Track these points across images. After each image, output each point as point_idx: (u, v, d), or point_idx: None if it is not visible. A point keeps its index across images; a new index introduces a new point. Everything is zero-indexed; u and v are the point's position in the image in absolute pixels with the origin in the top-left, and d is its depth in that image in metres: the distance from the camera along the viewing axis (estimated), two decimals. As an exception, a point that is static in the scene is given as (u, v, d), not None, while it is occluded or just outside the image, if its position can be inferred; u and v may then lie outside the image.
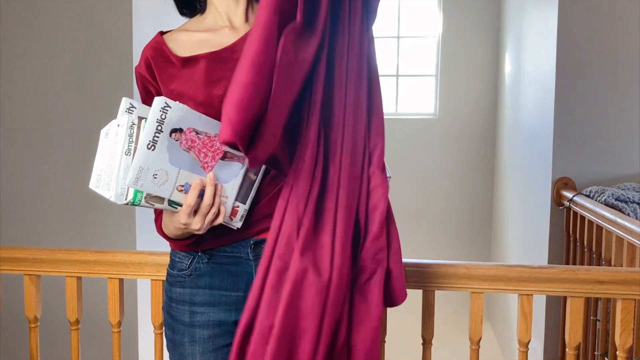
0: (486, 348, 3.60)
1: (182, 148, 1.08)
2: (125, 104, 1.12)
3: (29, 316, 1.72)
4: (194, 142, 1.10)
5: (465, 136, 4.67)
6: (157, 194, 1.08)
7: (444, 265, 1.55)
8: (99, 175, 1.11)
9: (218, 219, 1.16)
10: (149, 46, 1.31)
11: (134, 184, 1.05)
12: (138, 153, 1.05)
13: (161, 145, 1.06)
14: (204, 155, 1.12)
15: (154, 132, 1.05)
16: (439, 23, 4.64)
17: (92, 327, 2.04)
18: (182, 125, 1.08)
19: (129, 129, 1.09)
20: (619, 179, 2.88)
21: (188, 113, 1.08)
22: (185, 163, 1.09)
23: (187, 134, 1.09)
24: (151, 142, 1.05)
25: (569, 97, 2.93)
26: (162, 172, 1.07)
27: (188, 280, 1.31)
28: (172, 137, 1.07)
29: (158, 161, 1.06)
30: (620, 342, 1.55)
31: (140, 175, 1.05)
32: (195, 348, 1.31)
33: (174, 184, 1.09)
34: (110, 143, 1.11)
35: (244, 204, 1.19)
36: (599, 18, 2.89)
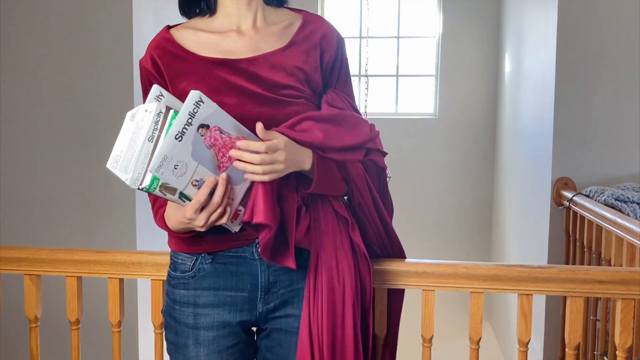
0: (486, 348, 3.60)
1: (205, 144, 1.09)
2: (155, 91, 1.12)
3: (29, 316, 1.72)
4: (217, 141, 1.11)
5: (465, 136, 4.67)
6: (173, 184, 1.09)
7: (443, 265, 1.55)
8: (118, 156, 1.11)
9: (222, 219, 1.16)
10: (156, 42, 1.31)
11: (156, 170, 1.06)
12: (166, 141, 1.06)
13: (187, 138, 1.06)
14: (222, 155, 1.12)
15: (184, 124, 1.06)
16: (439, 23, 4.64)
17: (92, 327, 2.04)
18: (210, 122, 1.08)
19: (155, 116, 1.09)
20: (619, 179, 2.88)
21: (217, 111, 1.09)
22: (204, 159, 1.10)
23: (212, 132, 1.09)
24: (180, 133, 1.05)
25: (569, 97, 2.93)
26: (182, 164, 1.08)
27: (192, 282, 1.30)
28: (198, 132, 1.07)
29: (182, 153, 1.07)
30: (620, 342, 1.55)
31: (164, 163, 1.05)
32: (200, 350, 1.30)
33: (190, 178, 1.10)
34: (135, 127, 1.11)
35: (244, 208, 1.19)
36: (599, 18, 2.89)
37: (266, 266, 1.29)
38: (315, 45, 1.31)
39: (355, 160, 1.31)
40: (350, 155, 1.30)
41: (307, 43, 1.31)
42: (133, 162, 1.09)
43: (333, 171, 1.27)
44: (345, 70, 1.37)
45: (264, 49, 1.28)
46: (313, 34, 1.32)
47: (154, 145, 1.08)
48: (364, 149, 1.32)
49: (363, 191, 1.33)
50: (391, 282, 1.52)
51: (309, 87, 1.30)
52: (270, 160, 1.14)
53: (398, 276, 1.52)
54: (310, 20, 1.35)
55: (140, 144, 1.08)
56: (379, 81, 4.92)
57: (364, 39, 4.67)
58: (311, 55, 1.30)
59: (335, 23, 4.93)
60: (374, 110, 4.60)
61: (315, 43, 1.31)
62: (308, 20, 1.34)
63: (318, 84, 1.32)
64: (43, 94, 2.55)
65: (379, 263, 1.49)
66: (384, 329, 1.54)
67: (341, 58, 1.36)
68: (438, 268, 1.54)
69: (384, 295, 1.54)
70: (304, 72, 1.29)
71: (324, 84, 1.34)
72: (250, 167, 1.13)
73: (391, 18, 4.81)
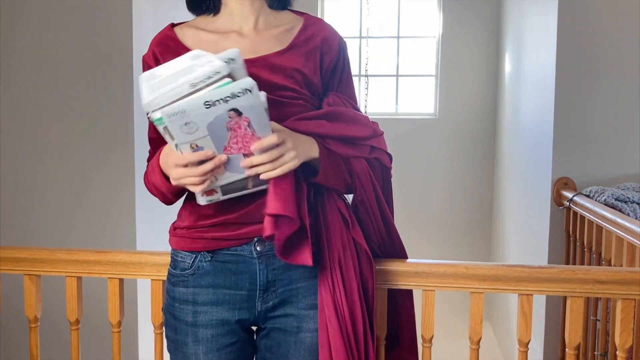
0: (486, 348, 3.60)
1: (226, 125, 1.08)
2: (232, 53, 1.10)
3: (29, 316, 1.72)
4: (239, 129, 1.09)
5: (465, 136, 4.67)
6: (173, 133, 1.08)
7: (444, 265, 1.55)
8: (157, 76, 1.10)
9: (195, 187, 1.15)
10: (158, 38, 1.31)
11: (167, 116, 1.04)
12: (193, 100, 1.04)
13: (215, 111, 1.05)
14: (235, 142, 1.11)
15: (221, 99, 1.04)
16: (439, 23, 4.64)
17: (92, 327, 2.03)
18: (245, 111, 1.06)
19: (213, 72, 1.07)
20: (619, 179, 2.88)
21: (259, 107, 1.07)
22: (216, 134, 1.09)
23: (241, 120, 1.08)
24: (211, 103, 1.04)
25: (569, 97, 2.93)
26: (194, 126, 1.06)
27: (191, 280, 1.31)
28: (228, 112, 1.06)
29: (200, 117, 1.05)
30: (620, 342, 1.55)
31: (178, 115, 1.04)
32: (199, 348, 1.31)
33: (193, 140, 1.09)
34: (190, 66, 1.09)
35: (221, 195, 1.19)
36: (599, 18, 2.89)
37: (265, 265, 1.29)
38: (315, 48, 1.31)
39: (360, 156, 1.32)
40: (353, 150, 1.31)
41: (308, 46, 1.31)
42: (162, 92, 1.07)
43: (338, 161, 1.29)
44: (347, 74, 1.38)
45: (263, 51, 1.29)
46: (314, 37, 1.32)
47: (189, 93, 1.06)
48: (367, 146, 1.33)
49: (367, 187, 1.34)
50: (391, 282, 1.52)
51: (308, 90, 1.30)
52: (278, 153, 1.14)
53: (398, 276, 1.52)
54: (311, 23, 1.35)
55: (180, 82, 1.06)
56: (379, 81, 4.92)
57: (364, 39, 4.67)
58: (311, 58, 1.30)
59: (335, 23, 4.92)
60: (374, 110, 4.60)
61: (315, 46, 1.32)
62: (309, 23, 1.35)
63: (317, 87, 1.32)
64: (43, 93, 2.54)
65: (379, 263, 1.49)
66: (384, 329, 1.54)
67: (343, 61, 1.36)
68: (438, 268, 1.54)
69: (384, 295, 1.54)
70: (303, 74, 1.29)
71: (325, 86, 1.34)
72: (261, 168, 1.14)
73: (391, 18, 4.81)
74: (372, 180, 1.35)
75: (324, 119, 1.28)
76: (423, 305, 1.58)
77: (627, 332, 1.54)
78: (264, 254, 1.29)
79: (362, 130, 1.32)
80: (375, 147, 1.35)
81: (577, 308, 1.55)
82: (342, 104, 1.34)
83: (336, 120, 1.29)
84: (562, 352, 2.83)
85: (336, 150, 1.28)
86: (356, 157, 1.31)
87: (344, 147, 1.29)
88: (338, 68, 1.35)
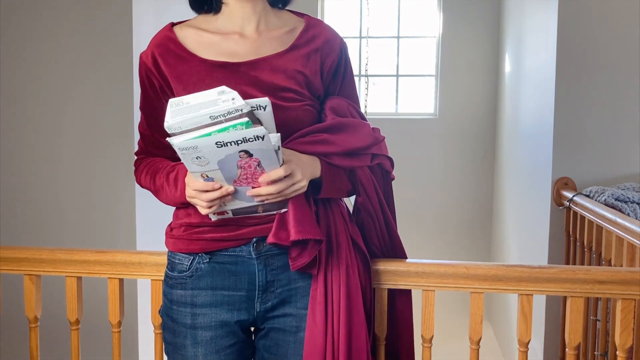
0: (486, 348, 3.60)
1: (237, 164, 1.12)
2: (263, 102, 1.13)
3: (29, 316, 1.71)
4: (249, 168, 1.14)
5: (465, 136, 4.67)
6: (186, 164, 1.13)
7: (444, 265, 1.55)
8: (184, 103, 1.14)
9: (203, 210, 1.20)
10: (158, 39, 1.31)
11: (180, 149, 1.09)
12: (206, 138, 1.08)
13: (226, 151, 1.09)
14: (245, 178, 1.15)
15: (232, 141, 1.08)
16: (439, 23, 4.64)
17: (92, 327, 2.04)
18: (255, 153, 1.11)
19: (233, 109, 1.10)
20: (619, 179, 2.87)
21: (269, 150, 1.11)
22: (226, 170, 1.13)
23: (251, 161, 1.12)
24: (223, 144, 1.08)
25: (569, 97, 2.93)
26: (205, 160, 1.11)
27: (189, 282, 1.30)
28: (239, 153, 1.10)
29: (211, 154, 1.09)
30: (620, 342, 1.55)
31: (190, 149, 1.09)
32: (198, 350, 1.30)
33: (204, 171, 1.13)
34: (214, 100, 1.13)
35: (232, 215, 1.24)
36: (599, 18, 2.89)
37: (263, 265, 1.29)
38: (316, 50, 1.31)
39: (363, 166, 1.34)
40: (357, 161, 1.32)
41: (309, 47, 1.31)
42: (184, 118, 1.11)
43: (340, 174, 1.30)
44: (349, 76, 1.38)
45: (265, 52, 1.29)
46: (315, 39, 1.32)
47: (207, 125, 1.09)
48: (369, 154, 1.34)
49: (370, 193, 1.36)
50: (391, 282, 1.52)
51: (309, 91, 1.30)
52: (286, 186, 1.17)
53: (398, 276, 1.52)
54: (312, 24, 1.35)
55: (202, 113, 1.10)
56: (379, 81, 4.91)
57: (364, 39, 4.67)
58: (311, 60, 1.30)
59: (335, 23, 4.91)
60: (374, 110, 4.60)
61: (316, 47, 1.32)
62: (311, 24, 1.35)
63: (318, 88, 1.32)
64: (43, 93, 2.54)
65: (380, 263, 1.49)
66: (384, 330, 1.54)
67: (345, 63, 1.37)
68: (438, 268, 1.54)
69: (384, 295, 1.54)
70: (304, 75, 1.29)
71: (326, 88, 1.34)
72: (270, 198, 1.17)
73: (391, 18, 4.80)
74: (374, 185, 1.37)
75: (327, 132, 1.29)
76: (423, 305, 1.58)
77: (627, 332, 1.54)
78: (263, 255, 1.29)
79: (364, 140, 1.33)
80: (377, 154, 1.36)
81: (577, 308, 1.55)
82: (346, 107, 1.34)
83: (339, 132, 1.30)
84: (562, 352, 2.83)
85: (340, 164, 1.29)
86: (359, 167, 1.34)
87: (347, 160, 1.31)
88: (340, 70, 1.35)
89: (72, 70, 2.56)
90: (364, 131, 1.34)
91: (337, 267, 1.28)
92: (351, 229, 1.34)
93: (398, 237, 1.47)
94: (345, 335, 1.27)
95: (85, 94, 2.58)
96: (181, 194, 1.25)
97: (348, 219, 1.35)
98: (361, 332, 1.30)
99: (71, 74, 2.57)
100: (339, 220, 1.32)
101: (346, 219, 1.34)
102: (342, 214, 1.33)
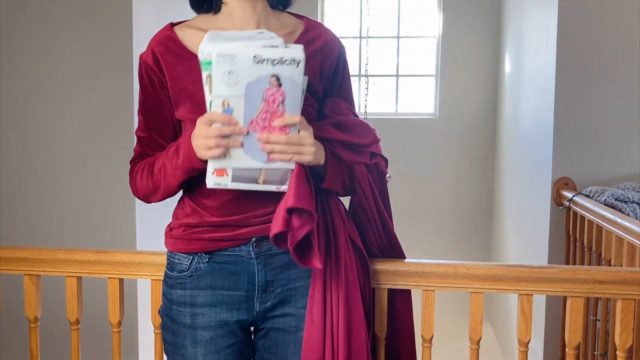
0: (486, 348, 3.60)
1: (263, 93, 1.10)
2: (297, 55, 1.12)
3: (29, 316, 1.72)
4: (272, 104, 1.12)
5: (465, 136, 4.67)
6: (215, 85, 1.10)
7: (444, 265, 1.55)
8: (221, 34, 1.14)
9: (208, 152, 1.15)
10: (158, 38, 1.30)
11: (216, 56, 1.07)
12: (246, 49, 1.07)
13: (259, 69, 1.08)
14: (263, 116, 1.12)
15: (268, 59, 1.07)
16: (439, 23, 4.64)
17: (92, 327, 2.04)
18: (284, 83, 1.09)
19: (269, 43, 1.10)
20: (619, 179, 2.87)
21: (297, 84, 1.11)
22: (250, 98, 1.10)
23: (276, 93, 1.11)
24: (259, 59, 1.07)
25: (569, 97, 2.93)
26: (234, 79, 1.09)
27: (189, 282, 1.30)
28: (270, 77, 1.09)
29: (245, 71, 1.08)
30: (620, 342, 1.55)
31: (226, 58, 1.07)
32: (198, 350, 1.30)
33: (229, 95, 1.11)
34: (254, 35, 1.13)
35: (230, 181, 1.18)
36: (599, 18, 2.89)
37: (263, 265, 1.29)
38: (315, 52, 1.32)
39: (362, 162, 1.35)
40: (357, 157, 1.33)
41: (308, 49, 1.31)
42: (221, 43, 1.10)
43: (342, 167, 1.31)
44: (346, 78, 1.39)
45: None
46: (314, 41, 1.33)
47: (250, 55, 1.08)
48: (368, 152, 1.36)
49: (366, 191, 1.37)
50: (391, 282, 1.52)
51: (309, 92, 1.30)
52: (296, 141, 1.15)
53: (398, 276, 1.52)
54: (312, 27, 1.36)
55: (239, 43, 1.09)
56: (379, 81, 4.91)
57: (364, 39, 4.67)
58: (311, 62, 1.31)
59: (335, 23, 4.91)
60: (374, 110, 4.60)
61: (316, 49, 1.32)
62: (310, 26, 1.35)
63: (317, 90, 1.33)
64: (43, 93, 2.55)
65: (379, 263, 1.50)
66: (384, 329, 1.54)
67: (343, 66, 1.38)
68: (438, 268, 1.54)
69: (384, 295, 1.54)
70: None
71: (324, 90, 1.35)
72: (277, 147, 1.14)
73: (391, 18, 4.80)
74: (370, 184, 1.38)
75: (332, 126, 1.30)
76: (423, 305, 1.58)
77: (627, 332, 1.54)
78: (263, 254, 1.29)
79: (365, 137, 1.35)
80: (375, 154, 1.38)
81: (577, 308, 1.55)
82: (344, 108, 1.35)
83: (341, 128, 1.31)
84: (562, 352, 2.83)
85: (342, 156, 1.30)
86: (358, 163, 1.34)
87: (349, 153, 1.31)
88: (338, 72, 1.36)
89: (72, 71, 2.56)
90: (365, 128, 1.36)
91: (336, 266, 1.28)
92: (349, 228, 1.35)
93: (395, 236, 1.48)
94: (344, 335, 1.27)
95: (85, 94, 2.58)
96: (183, 160, 1.21)
97: (346, 218, 1.35)
98: (360, 331, 1.30)
99: (71, 74, 2.57)
100: (337, 219, 1.32)
101: (344, 217, 1.35)
102: (340, 213, 1.34)
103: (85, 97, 2.58)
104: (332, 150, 1.28)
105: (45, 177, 2.56)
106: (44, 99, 2.55)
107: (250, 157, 1.15)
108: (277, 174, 1.17)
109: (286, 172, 1.18)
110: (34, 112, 2.54)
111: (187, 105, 1.25)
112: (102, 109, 2.55)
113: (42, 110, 2.55)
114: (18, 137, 2.52)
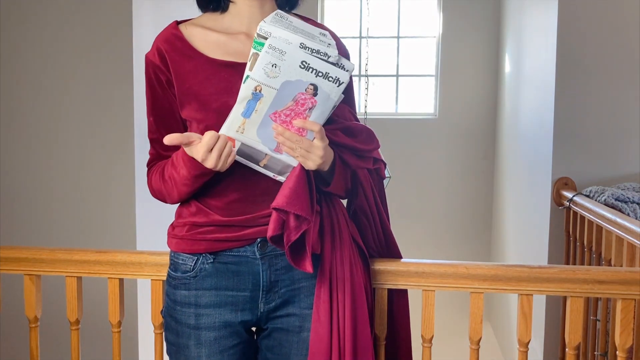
0: (486, 348, 3.60)
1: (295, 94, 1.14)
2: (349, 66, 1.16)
3: (29, 316, 1.71)
4: (300, 107, 1.15)
5: (465, 136, 4.67)
6: (255, 68, 1.13)
7: (443, 265, 1.55)
8: (288, 19, 1.17)
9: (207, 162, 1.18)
10: (164, 36, 1.29)
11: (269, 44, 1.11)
12: (300, 50, 1.11)
13: (301, 74, 1.12)
14: (288, 113, 1.16)
15: (315, 69, 1.10)
16: (439, 23, 4.64)
17: (92, 327, 2.04)
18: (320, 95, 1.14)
19: (323, 52, 1.13)
20: (619, 179, 2.88)
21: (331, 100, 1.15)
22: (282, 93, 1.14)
23: (308, 100, 1.14)
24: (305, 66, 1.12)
25: (569, 97, 2.93)
26: (276, 72, 1.13)
27: (193, 282, 1.30)
28: (308, 81, 1.12)
29: (288, 70, 1.12)
30: (620, 342, 1.55)
31: (276, 51, 1.12)
32: (202, 351, 1.30)
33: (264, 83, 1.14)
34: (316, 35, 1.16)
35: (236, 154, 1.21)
36: (599, 18, 2.89)
37: (268, 265, 1.29)
38: None
39: (365, 167, 1.36)
40: (361, 162, 1.35)
41: None
42: (280, 30, 1.13)
43: (347, 172, 1.32)
44: (350, 84, 1.39)
45: None
46: None
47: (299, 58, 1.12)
48: (371, 158, 1.37)
49: (368, 194, 1.39)
50: (391, 282, 1.52)
51: None
52: (307, 145, 1.17)
53: (398, 276, 1.52)
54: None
55: (297, 36, 1.12)
56: (379, 81, 4.91)
57: (364, 39, 4.67)
58: None
59: (335, 23, 4.90)
60: (374, 110, 4.60)
61: None
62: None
63: None
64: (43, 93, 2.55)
65: (380, 263, 1.50)
66: (384, 329, 1.54)
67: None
68: (438, 268, 1.54)
69: (384, 295, 1.54)
70: None
71: None
72: (287, 142, 1.17)
73: (391, 18, 4.81)
74: (372, 187, 1.40)
75: (342, 131, 1.31)
76: (423, 305, 1.58)
77: (627, 332, 1.54)
78: (267, 255, 1.29)
79: (370, 143, 1.36)
80: (377, 159, 1.40)
81: (577, 308, 1.55)
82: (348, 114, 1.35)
83: (349, 134, 1.32)
84: (562, 352, 2.83)
85: (348, 161, 1.31)
86: (362, 167, 1.36)
87: (354, 158, 1.33)
88: None
89: (72, 71, 2.56)
90: (369, 133, 1.37)
91: (342, 265, 1.29)
92: (352, 229, 1.36)
93: (393, 238, 1.50)
94: (350, 333, 1.28)
95: (85, 94, 2.57)
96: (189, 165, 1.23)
97: (348, 219, 1.37)
98: (366, 330, 1.30)
99: (71, 74, 2.56)
100: (341, 219, 1.33)
101: (347, 218, 1.36)
102: (343, 214, 1.35)
103: (85, 97, 2.58)
104: (340, 155, 1.29)
105: (45, 177, 2.56)
106: (44, 98, 2.55)
107: (261, 141, 1.19)
108: (280, 163, 1.21)
109: (288, 165, 1.22)
110: (34, 112, 2.54)
111: (194, 105, 1.25)
112: (102, 109, 2.55)
113: (41, 110, 2.55)
114: (18, 137, 2.52)
